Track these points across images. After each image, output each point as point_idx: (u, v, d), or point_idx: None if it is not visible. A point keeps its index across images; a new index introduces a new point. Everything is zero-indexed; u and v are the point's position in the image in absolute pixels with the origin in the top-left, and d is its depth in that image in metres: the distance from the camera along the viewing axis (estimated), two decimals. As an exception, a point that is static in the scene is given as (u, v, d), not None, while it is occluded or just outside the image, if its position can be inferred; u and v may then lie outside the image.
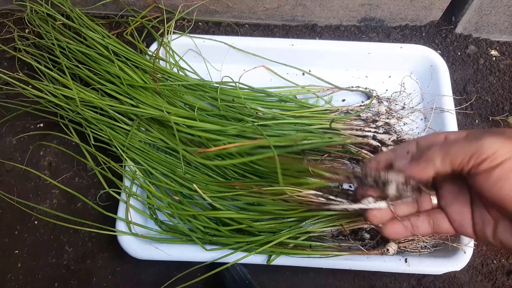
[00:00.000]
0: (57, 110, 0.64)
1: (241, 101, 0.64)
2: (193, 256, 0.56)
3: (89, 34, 0.66)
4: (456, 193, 0.37)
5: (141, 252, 0.56)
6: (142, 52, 0.70)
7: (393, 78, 0.72)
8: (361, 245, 0.56)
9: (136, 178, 0.59)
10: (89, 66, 0.65)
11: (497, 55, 0.77)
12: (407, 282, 0.61)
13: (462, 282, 0.61)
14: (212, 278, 0.56)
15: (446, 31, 0.78)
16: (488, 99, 0.73)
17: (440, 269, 0.55)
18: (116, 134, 0.61)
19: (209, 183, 0.57)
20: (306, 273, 0.61)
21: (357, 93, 0.70)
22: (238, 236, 0.56)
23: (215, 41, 0.70)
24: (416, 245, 0.56)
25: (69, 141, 0.69)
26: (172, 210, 0.57)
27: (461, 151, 0.32)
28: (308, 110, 0.64)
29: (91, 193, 0.66)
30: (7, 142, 0.70)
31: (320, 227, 0.54)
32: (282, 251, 0.54)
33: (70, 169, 0.68)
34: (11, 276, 0.62)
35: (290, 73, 0.72)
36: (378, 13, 0.76)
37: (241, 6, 0.75)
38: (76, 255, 0.63)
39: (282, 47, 0.70)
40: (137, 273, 0.62)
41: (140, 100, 0.62)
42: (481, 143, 0.31)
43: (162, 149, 0.62)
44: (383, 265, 0.55)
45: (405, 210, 0.39)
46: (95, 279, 0.62)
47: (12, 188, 0.67)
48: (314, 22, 0.79)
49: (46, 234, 0.64)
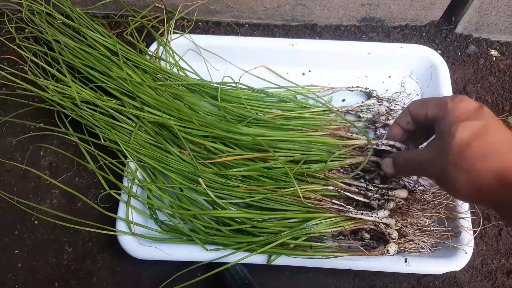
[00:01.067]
0: (58, 109, 0.64)
1: (241, 101, 0.64)
2: (194, 256, 0.56)
3: (89, 33, 0.66)
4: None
5: (141, 252, 0.56)
6: (142, 52, 0.70)
7: (393, 78, 0.72)
8: (361, 245, 0.56)
9: (136, 177, 0.59)
10: (89, 66, 0.65)
11: (497, 55, 0.77)
12: (407, 282, 0.61)
13: (462, 282, 0.61)
14: (212, 278, 0.56)
15: (446, 31, 0.78)
16: (488, 99, 0.73)
17: (440, 269, 0.55)
18: (117, 134, 0.61)
19: (215, 182, 0.58)
20: (306, 273, 0.61)
21: (357, 93, 0.70)
22: (239, 237, 0.56)
23: (215, 41, 0.70)
24: (416, 245, 0.56)
25: (69, 141, 0.69)
26: (173, 210, 0.57)
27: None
28: (308, 110, 0.64)
29: (91, 193, 0.66)
30: (7, 142, 0.70)
31: (322, 229, 0.54)
32: (282, 251, 0.54)
33: (70, 169, 0.68)
34: (11, 276, 0.62)
35: (290, 73, 0.72)
36: (378, 13, 0.76)
37: (241, 6, 0.75)
38: (76, 255, 0.63)
39: (282, 47, 0.70)
40: (137, 273, 0.62)
41: (142, 99, 0.62)
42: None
43: (163, 148, 0.62)
44: (383, 265, 0.56)
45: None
46: (95, 279, 0.62)
47: (12, 188, 0.67)
48: (314, 22, 0.79)
49: (46, 234, 0.64)
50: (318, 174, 0.57)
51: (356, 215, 0.54)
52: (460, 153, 0.40)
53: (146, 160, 0.60)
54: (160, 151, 0.61)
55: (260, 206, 0.57)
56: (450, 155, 0.41)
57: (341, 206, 0.54)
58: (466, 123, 0.40)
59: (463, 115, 0.41)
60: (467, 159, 0.39)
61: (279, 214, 0.56)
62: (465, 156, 0.40)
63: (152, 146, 0.61)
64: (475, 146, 0.39)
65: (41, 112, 0.68)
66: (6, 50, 0.77)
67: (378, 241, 0.56)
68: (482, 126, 0.40)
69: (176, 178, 0.59)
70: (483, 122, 0.40)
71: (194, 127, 0.60)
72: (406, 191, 0.55)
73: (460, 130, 0.40)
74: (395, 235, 0.54)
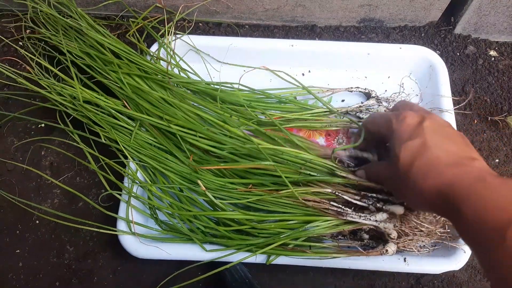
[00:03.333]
0: (60, 108, 0.64)
1: (241, 102, 0.64)
2: (194, 255, 0.56)
3: (91, 34, 0.66)
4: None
5: (142, 251, 0.56)
6: (143, 52, 0.70)
7: (392, 78, 0.72)
8: (360, 245, 0.56)
9: (136, 178, 0.59)
10: (93, 67, 0.65)
11: (496, 56, 0.77)
12: (406, 281, 0.61)
13: (461, 281, 0.62)
14: (213, 277, 0.57)
15: (445, 31, 0.78)
16: (487, 99, 0.73)
17: (439, 268, 0.55)
18: (118, 133, 0.61)
19: (214, 182, 0.58)
20: (306, 272, 0.61)
21: (356, 94, 0.70)
22: (239, 238, 0.56)
23: (215, 41, 0.70)
24: (415, 244, 0.56)
25: (70, 141, 0.70)
26: (173, 211, 0.58)
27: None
28: (309, 112, 0.64)
29: (92, 192, 0.67)
30: (9, 141, 0.71)
31: (321, 231, 0.54)
32: (281, 252, 0.55)
33: (71, 168, 0.68)
34: (12, 276, 0.62)
35: (290, 73, 0.72)
36: (378, 14, 0.76)
37: (241, 7, 0.75)
38: (77, 255, 0.63)
39: (282, 47, 0.71)
40: (138, 272, 0.62)
41: (143, 98, 0.62)
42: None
43: (164, 149, 0.62)
44: (382, 264, 0.56)
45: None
46: (96, 278, 0.62)
47: (14, 188, 0.67)
48: (314, 23, 0.79)
49: (47, 234, 0.65)
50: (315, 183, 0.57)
51: (354, 219, 0.54)
52: (405, 173, 0.42)
53: (147, 160, 0.60)
54: (160, 152, 0.61)
55: (259, 208, 0.57)
56: (398, 175, 0.43)
57: (339, 209, 0.54)
58: (407, 144, 0.43)
59: (405, 135, 0.43)
60: (411, 179, 0.42)
61: (278, 216, 0.56)
62: (410, 176, 0.42)
63: (152, 147, 0.62)
64: (416, 165, 0.41)
65: (43, 112, 0.69)
66: (7, 51, 0.78)
67: (377, 241, 0.56)
68: (421, 144, 0.42)
69: (176, 179, 0.59)
70: (421, 140, 0.42)
71: (197, 134, 0.60)
72: (402, 208, 0.53)
73: (402, 151, 0.43)
74: (394, 235, 0.54)
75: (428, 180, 0.40)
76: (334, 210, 0.54)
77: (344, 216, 0.54)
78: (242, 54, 0.70)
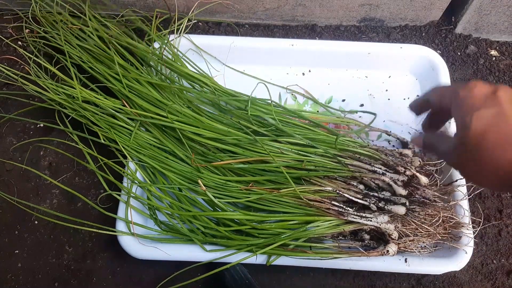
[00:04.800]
0: (58, 108, 0.64)
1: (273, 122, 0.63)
2: (193, 256, 0.56)
3: (102, 34, 0.66)
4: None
5: (141, 252, 0.56)
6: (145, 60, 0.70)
7: (393, 78, 0.72)
8: (360, 245, 0.56)
9: (135, 178, 0.59)
10: (92, 66, 0.65)
11: (497, 55, 0.77)
12: (407, 281, 0.61)
13: (462, 282, 0.61)
14: (212, 278, 0.56)
15: (446, 31, 0.78)
16: (488, 99, 0.73)
17: (440, 269, 0.55)
18: (117, 133, 0.61)
19: (214, 180, 0.58)
20: (306, 273, 0.61)
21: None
22: (239, 238, 0.56)
23: (215, 41, 0.70)
24: (416, 245, 0.56)
25: (69, 141, 0.69)
26: (172, 211, 0.58)
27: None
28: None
29: (91, 193, 0.66)
30: (7, 142, 0.70)
31: (321, 231, 0.54)
32: (282, 252, 0.54)
33: (70, 169, 0.68)
34: (11, 276, 0.62)
35: (290, 73, 0.72)
36: (378, 13, 0.76)
37: (241, 6, 0.75)
38: (76, 255, 0.63)
39: (282, 47, 0.70)
40: (137, 273, 0.62)
41: (143, 97, 0.62)
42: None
43: (164, 149, 0.62)
44: (383, 265, 0.56)
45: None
46: (95, 279, 0.62)
47: (12, 188, 0.67)
48: (314, 22, 0.79)
49: (46, 234, 0.64)
50: (316, 180, 0.57)
51: (355, 219, 0.54)
52: (477, 145, 0.38)
53: (146, 160, 0.60)
54: (160, 151, 0.61)
55: (259, 208, 0.57)
56: (467, 147, 0.39)
57: (340, 208, 0.54)
58: (480, 112, 0.38)
59: (478, 102, 0.39)
60: (486, 151, 0.38)
61: (278, 216, 0.56)
62: (483, 148, 0.38)
63: (152, 146, 0.62)
64: (492, 136, 0.37)
65: (41, 113, 0.68)
66: (6, 50, 0.77)
67: (378, 242, 0.56)
68: (498, 113, 0.38)
69: (175, 179, 0.59)
70: (498, 109, 0.38)
71: (202, 132, 0.60)
72: (404, 208, 0.53)
73: (474, 120, 0.38)
74: (395, 236, 0.54)
75: (508, 153, 0.36)
76: (335, 209, 0.54)
77: (345, 216, 0.54)
78: (242, 53, 0.70)
